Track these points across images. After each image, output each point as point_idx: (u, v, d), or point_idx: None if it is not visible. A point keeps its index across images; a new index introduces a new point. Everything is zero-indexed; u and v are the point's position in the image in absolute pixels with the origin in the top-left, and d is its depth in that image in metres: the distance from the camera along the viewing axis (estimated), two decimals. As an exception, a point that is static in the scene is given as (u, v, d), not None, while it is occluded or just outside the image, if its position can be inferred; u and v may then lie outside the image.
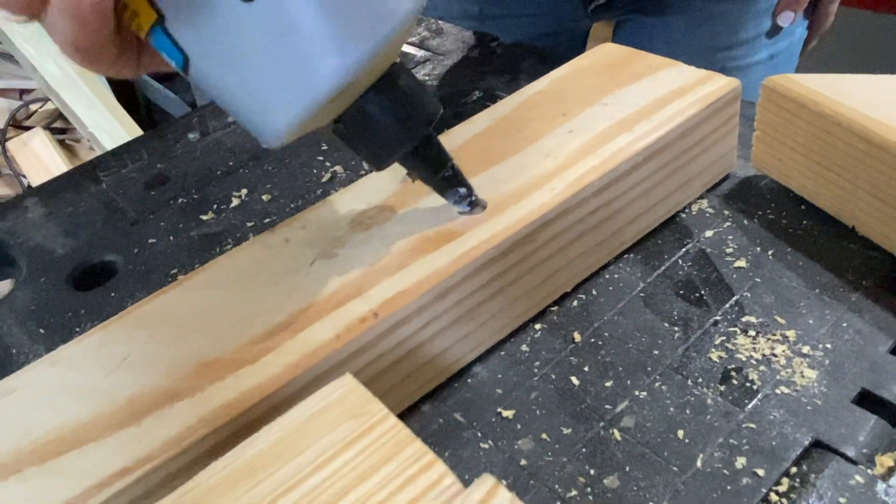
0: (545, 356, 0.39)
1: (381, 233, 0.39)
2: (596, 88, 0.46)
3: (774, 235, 0.44)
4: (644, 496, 0.32)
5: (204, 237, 0.51)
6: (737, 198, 0.47)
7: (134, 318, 0.36)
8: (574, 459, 0.34)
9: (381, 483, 0.25)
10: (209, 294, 0.37)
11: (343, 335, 0.33)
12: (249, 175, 0.56)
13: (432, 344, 0.37)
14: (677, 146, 0.43)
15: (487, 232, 0.37)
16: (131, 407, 0.31)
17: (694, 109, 0.43)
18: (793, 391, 0.35)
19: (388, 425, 0.27)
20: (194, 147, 0.61)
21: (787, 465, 0.33)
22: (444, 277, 0.35)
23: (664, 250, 0.44)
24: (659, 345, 0.39)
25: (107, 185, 0.58)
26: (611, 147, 0.41)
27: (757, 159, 0.46)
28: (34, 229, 0.54)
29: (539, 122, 0.45)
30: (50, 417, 0.32)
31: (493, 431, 0.36)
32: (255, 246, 0.39)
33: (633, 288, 0.42)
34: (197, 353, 0.33)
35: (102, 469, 0.29)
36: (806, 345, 0.37)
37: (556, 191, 0.39)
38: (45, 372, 0.34)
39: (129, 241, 0.52)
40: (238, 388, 0.31)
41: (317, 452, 0.26)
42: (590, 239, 0.41)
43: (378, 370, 0.35)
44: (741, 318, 0.39)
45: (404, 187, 0.42)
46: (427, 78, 0.65)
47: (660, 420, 0.35)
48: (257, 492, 0.25)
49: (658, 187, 0.43)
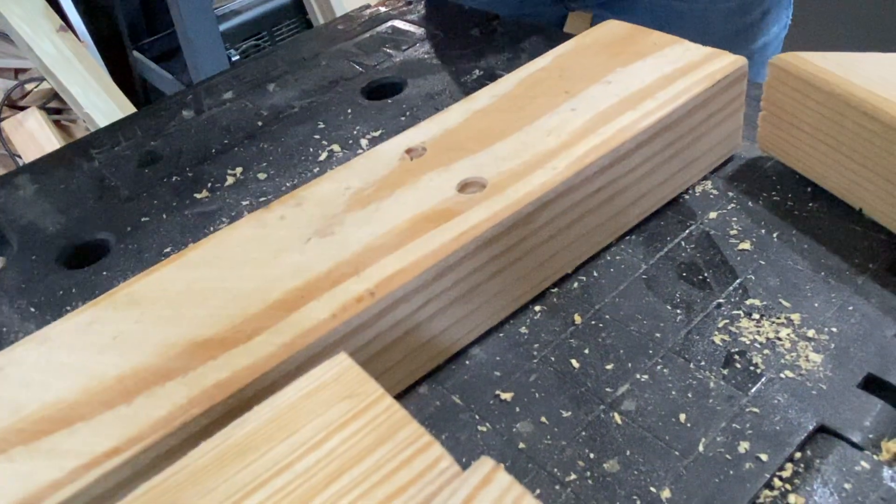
0: (545, 338, 0.38)
1: (379, 211, 0.38)
2: (600, 66, 0.45)
3: (780, 217, 0.43)
4: (645, 480, 0.32)
5: (198, 216, 0.50)
6: (742, 179, 0.46)
7: (125, 297, 0.35)
8: (573, 443, 0.34)
9: (377, 465, 0.24)
10: (202, 272, 0.36)
11: (339, 314, 0.32)
12: (245, 153, 0.55)
13: (430, 325, 0.36)
14: (683, 125, 0.42)
15: (487, 211, 0.36)
16: (121, 386, 0.31)
17: (700, 87, 0.42)
18: (797, 375, 0.35)
19: (383, 406, 0.26)
20: (188, 125, 0.59)
21: (791, 450, 0.32)
22: (442, 257, 0.35)
23: (667, 232, 0.43)
24: (661, 327, 0.38)
25: (99, 163, 0.57)
26: (614, 125, 0.40)
27: (763, 140, 0.45)
28: (25, 207, 0.53)
29: (541, 99, 0.44)
30: (38, 396, 0.31)
31: (492, 414, 0.35)
32: (249, 223, 0.38)
33: (634, 270, 0.41)
34: (189, 332, 0.32)
35: (91, 449, 0.28)
36: (811, 328, 0.37)
37: (557, 170, 0.38)
38: (33, 350, 0.33)
39: (121, 219, 0.51)
40: (231, 367, 0.30)
41: (310, 433, 0.25)
42: (592, 220, 0.41)
43: (375, 351, 0.34)
44: (745, 300, 0.39)
45: (402, 166, 0.41)
46: (427, 56, 0.64)
47: (661, 404, 0.35)
48: (248, 472, 0.24)
49: (662, 167, 0.42)
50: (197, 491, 0.24)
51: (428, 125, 0.43)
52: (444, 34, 0.67)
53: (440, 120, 0.44)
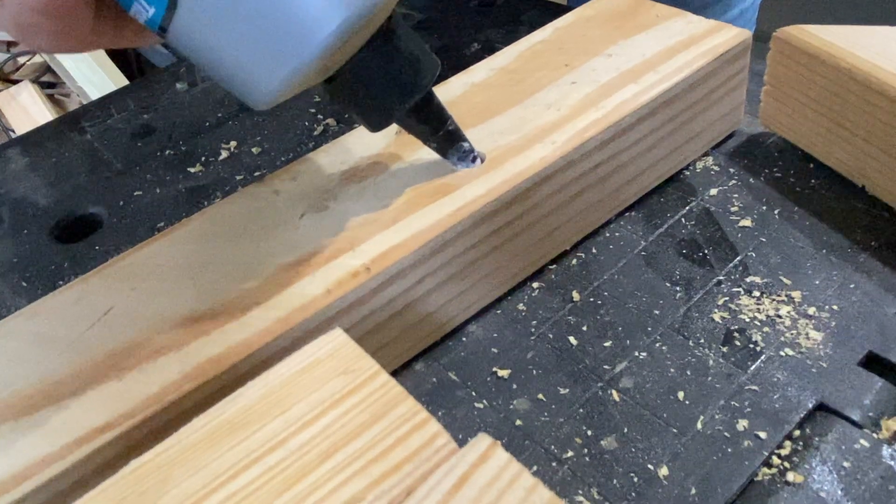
0: (542, 315, 0.38)
1: (375, 186, 0.37)
2: (600, 38, 0.44)
3: (781, 194, 0.42)
4: (643, 458, 0.32)
5: (191, 190, 0.49)
6: (743, 155, 0.45)
7: (116, 271, 0.35)
8: (571, 420, 0.33)
9: (372, 442, 0.24)
10: (195, 247, 0.35)
11: (334, 290, 0.32)
12: (239, 127, 0.54)
13: (426, 301, 0.35)
14: (685, 99, 0.41)
15: (485, 186, 0.36)
16: (113, 361, 0.30)
17: (703, 61, 0.41)
18: (797, 353, 0.34)
19: (379, 382, 0.26)
20: (182, 97, 0.58)
21: (790, 427, 0.32)
22: (439, 232, 0.34)
23: (667, 208, 0.43)
24: (660, 304, 0.38)
25: (91, 136, 0.56)
26: (615, 99, 0.40)
27: (765, 115, 0.45)
28: (16, 180, 0.53)
29: (540, 72, 0.43)
30: (28, 371, 0.30)
31: (489, 391, 0.35)
32: (243, 198, 0.38)
33: (634, 246, 0.41)
34: (182, 307, 0.32)
35: (82, 424, 0.28)
36: (812, 306, 0.36)
37: (557, 144, 0.38)
38: (23, 324, 0.33)
39: (114, 193, 0.50)
40: (224, 342, 0.30)
41: (304, 409, 0.25)
42: (591, 195, 0.40)
43: (370, 327, 0.34)
44: (745, 278, 0.38)
45: (399, 139, 0.40)
46: (424, 30, 0.63)
47: (660, 381, 0.34)
48: (241, 449, 0.24)
49: (663, 142, 0.42)
50: (189, 467, 0.24)
51: (425, 98, 0.43)
52: (441, 7, 0.66)
53: (438, 93, 0.43)
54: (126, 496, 0.23)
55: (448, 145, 0.36)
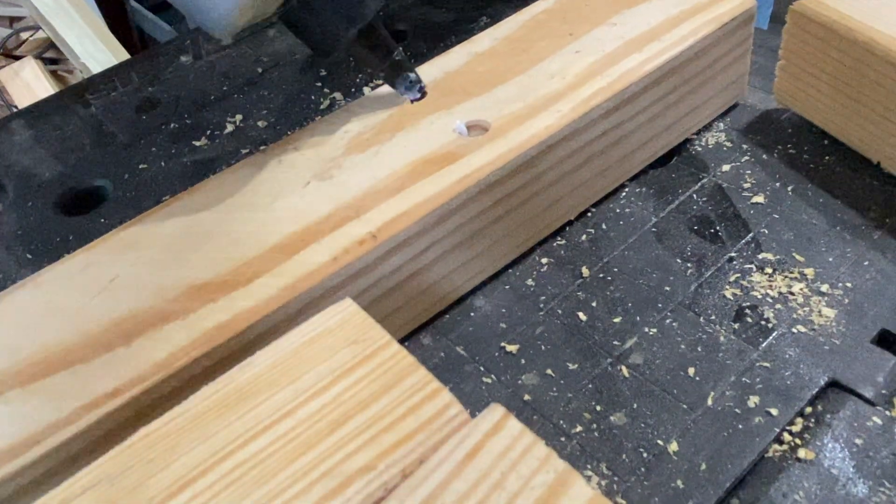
0: (552, 291, 0.38)
1: (379, 154, 0.37)
2: (605, 7, 0.44)
3: (795, 170, 0.42)
4: (652, 433, 0.31)
5: (197, 163, 0.49)
6: (756, 131, 0.45)
7: (120, 240, 0.34)
8: (580, 395, 0.33)
9: (383, 411, 0.24)
10: (199, 216, 0.35)
11: (340, 257, 0.31)
12: (244, 100, 0.54)
13: (432, 269, 0.35)
14: (689, 68, 0.41)
15: (490, 155, 0.35)
16: (120, 328, 0.30)
17: (707, 30, 0.40)
18: (810, 330, 0.34)
19: (390, 352, 0.25)
20: (187, 70, 0.58)
21: (802, 404, 0.32)
22: (445, 200, 0.34)
23: (678, 184, 0.42)
24: (670, 281, 0.37)
25: (96, 109, 0.55)
26: (619, 68, 0.39)
27: (780, 91, 0.44)
28: (21, 153, 0.52)
29: (545, 41, 0.42)
30: (34, 339, 0.30)
31: (497, 366, 0.35)
32: (246, 167, 0.37)
33: (644, 223, 0.40)
34: (187, 275, 0.32)
35: (90, 390, 0.28)
36: (825, 283, 0.36)
37: (561, 113, 0.37)
38: (28, 293, 0.32)
39: (119, 165, 0.50)
40: (231, 309, 0.30)
41: (314, 378, 0.25)
42: (596, 164, 0.39)
43: (376, 295, 0.33)
44: (758, 254, 0.38)
45: (403, 109, 0.39)
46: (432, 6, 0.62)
47: (670, 357, 0.34)
48: (251, 417, 0.24)
49: (667, 111, 0.41)
50: (198, 435, 0.24)
51: (429, 68, 0.42)
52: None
53: (441, 63, 0.42)
54: (135, 464, 0.23)
55: (395, 74, 0.39)
